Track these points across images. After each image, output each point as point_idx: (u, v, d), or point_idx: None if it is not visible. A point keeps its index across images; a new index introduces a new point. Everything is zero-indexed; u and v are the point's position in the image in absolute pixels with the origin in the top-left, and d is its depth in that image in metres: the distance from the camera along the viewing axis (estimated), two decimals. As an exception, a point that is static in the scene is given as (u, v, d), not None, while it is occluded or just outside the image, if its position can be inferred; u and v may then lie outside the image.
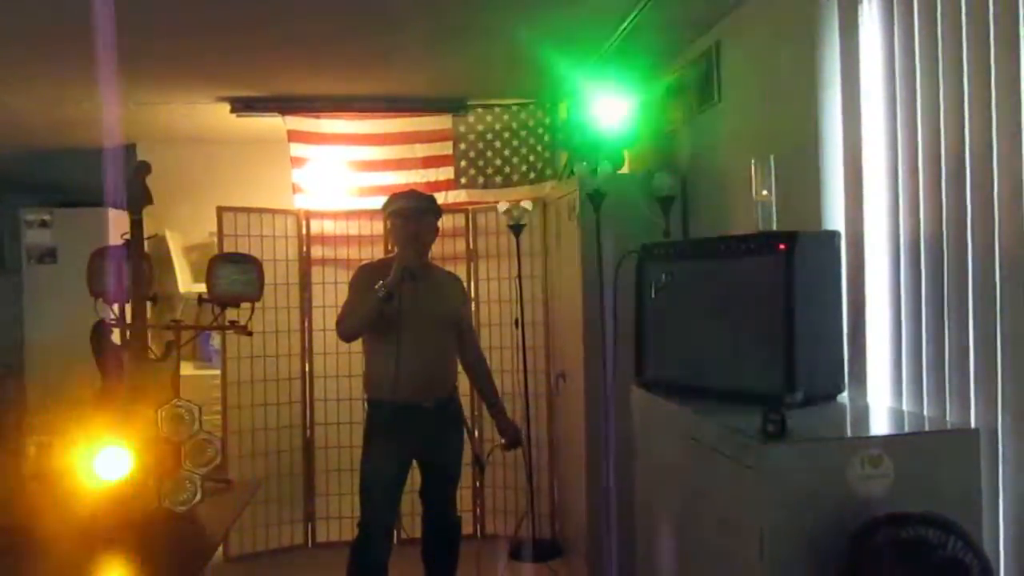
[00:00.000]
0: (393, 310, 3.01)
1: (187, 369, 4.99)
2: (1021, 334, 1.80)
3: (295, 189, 4.73)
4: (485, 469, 3.50)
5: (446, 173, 4.82)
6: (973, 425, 1.95)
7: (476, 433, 4.31)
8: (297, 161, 4.72)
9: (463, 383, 3.43)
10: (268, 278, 3.52)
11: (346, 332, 3.17)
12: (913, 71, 2.14)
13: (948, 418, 2.04)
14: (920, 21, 2.12)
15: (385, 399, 3.15)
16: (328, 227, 4.56)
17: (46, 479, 2.41)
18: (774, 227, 2.47)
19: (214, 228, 4.34)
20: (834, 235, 2.37)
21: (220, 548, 3.84)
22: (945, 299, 2.05)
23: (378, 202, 4.46)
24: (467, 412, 3.62)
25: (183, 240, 5.69)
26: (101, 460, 2.28)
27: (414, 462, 3.27)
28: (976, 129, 1.92)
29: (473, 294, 4.49)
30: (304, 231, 4.51)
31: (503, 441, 3.42)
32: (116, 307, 2.98)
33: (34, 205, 5.43)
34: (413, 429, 3.13)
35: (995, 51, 1.85)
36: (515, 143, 4.83)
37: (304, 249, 4.51)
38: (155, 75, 4.13)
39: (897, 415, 2.19)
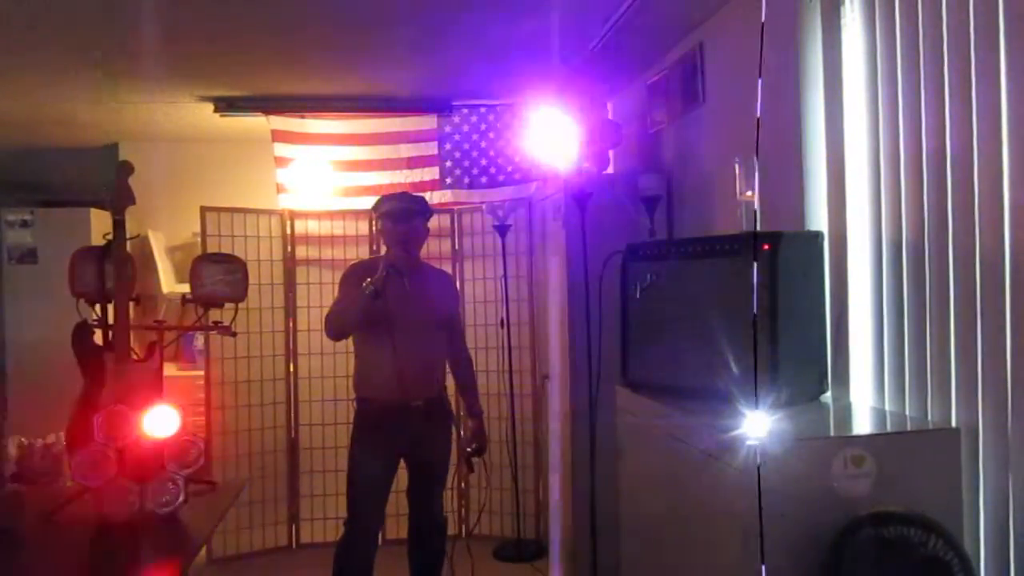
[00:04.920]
0: (382, 308, 3.00)
1: (171, 370, 4.96)
2: (1001, 334, 1.82)
3: (279, 189, 4.71)
4: (474, 470, 3.48)
5: (431, 173, 4.82)
6: (954, 424, 1.96)
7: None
8: (281, 161, 4.70)
9: (449, 383, 3.42)
10: (252, 278, 3.49)
11: (334, 331, 3.16)
12: (895, 72, 2.16)
13: (929, 418, 2.05)
14: (902, 22, 2.14)
15: (374, 398, 3.14)
16: (312, 227, 4.54)
17: (27, 480, 2.39)
18: (758, 227, 2.49)
19: (197, 228, 4.31)
20: (817, 235, 2.39)
21: (203, 550, 3.82)
22: (927, 299, 2.06)
23: (363, 202, 4.47)
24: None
25: (166, 240, 5.66)
26: (83, 461, 2.26)
27: (401, 462, 3.27)
28: (957, 130, 1.94)
29: (459, 294, 4.49)
30: (288, 231, 4.50)
31: (473, 447, 3.39)
32: (98, 308, 2.96)
33: (14, 205, 5.38)
34: (401, 428, 3.12)
35: (976, 52, 1.87)
36: (500, 143, 4.84)
37: (288, 249, 4.49)
38: (137, 74, 4.10)
39: (879, 415, 2.21)
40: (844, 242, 2.39)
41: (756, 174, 2.57)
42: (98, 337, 2.89)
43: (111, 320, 2.78)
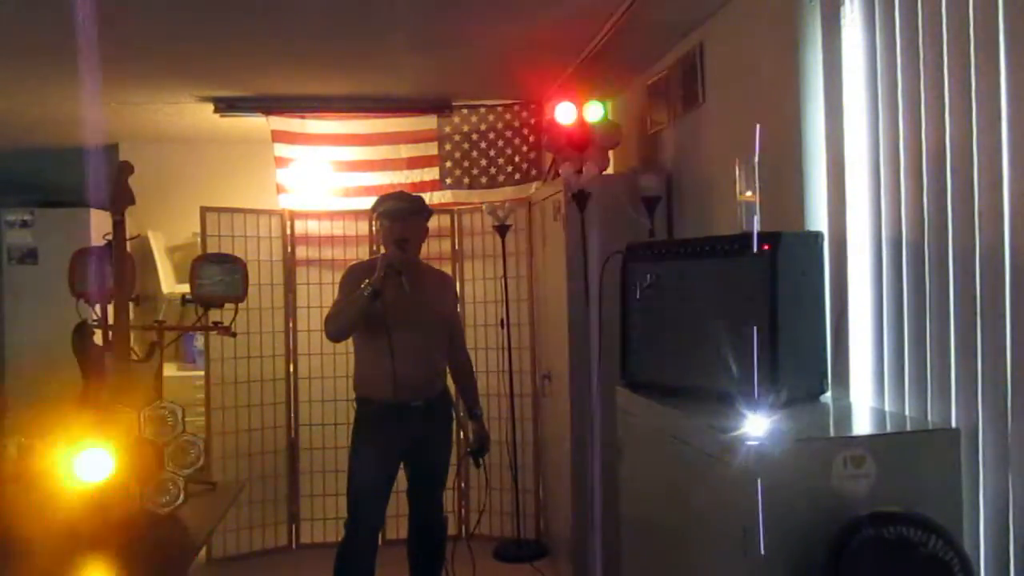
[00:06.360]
0: (381, 308, 3.00)
1: (170, 370, 4.96)
2: (1000, 334, 1.82)
3: (279, 189, 4.71)
4: (481, 466, 3.45)
5: (431, 174, 4.82)
6: (954, 425, 1.96)
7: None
8: (281, 161, 4.70)
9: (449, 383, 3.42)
10: (252, 279, 3.51)
11: (334, 332, 3.16)
12: (895, 72, 2.16)
13: (929, 418, 2.05)
14: (902, 22, 2.13)
15: (375, 398, 3.15)
16: (312, 227, 4.55)
17: (26, 481, 2.39)
18: (758, 227, 2.48)
19: (197, 228, 4.32)
20: (817, 235, 2.38)
21: (203, 550, 3.82)
22: (927, 300, 2.06)
23: (363, 203, 4.47)
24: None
25: (166, 240, 5.66)
26: (82, 462, 2.26)
27: (402, 462, 3.27)
28: (957, 130, 1.94)
29: (459, 295, 4.49)
30: (288, 231, 4.50)
31: (471, 448, 3.39)
32: (98, 308, 2.96)
33: (15, 205, 5.38)
34: (402, 429, 3.12)
35: (976, 52, 1.86)
36: (500, 144, 4.84)
37: (288, 250, 4.49)
38: (137, 74, 4.10)
39: (879, 415, 2.21)
40: (844, 242, 2.39)
41: (756, 174, 2.57)
42: (98, 337, 2.90)
43: (111, 320, 2.78)
